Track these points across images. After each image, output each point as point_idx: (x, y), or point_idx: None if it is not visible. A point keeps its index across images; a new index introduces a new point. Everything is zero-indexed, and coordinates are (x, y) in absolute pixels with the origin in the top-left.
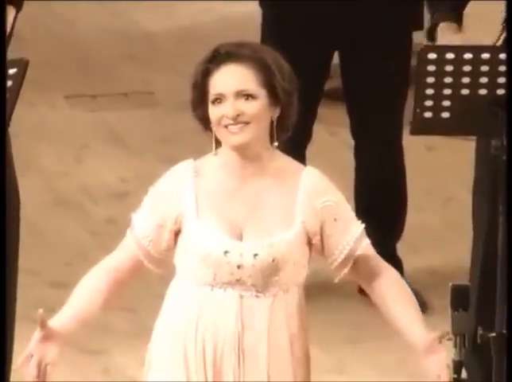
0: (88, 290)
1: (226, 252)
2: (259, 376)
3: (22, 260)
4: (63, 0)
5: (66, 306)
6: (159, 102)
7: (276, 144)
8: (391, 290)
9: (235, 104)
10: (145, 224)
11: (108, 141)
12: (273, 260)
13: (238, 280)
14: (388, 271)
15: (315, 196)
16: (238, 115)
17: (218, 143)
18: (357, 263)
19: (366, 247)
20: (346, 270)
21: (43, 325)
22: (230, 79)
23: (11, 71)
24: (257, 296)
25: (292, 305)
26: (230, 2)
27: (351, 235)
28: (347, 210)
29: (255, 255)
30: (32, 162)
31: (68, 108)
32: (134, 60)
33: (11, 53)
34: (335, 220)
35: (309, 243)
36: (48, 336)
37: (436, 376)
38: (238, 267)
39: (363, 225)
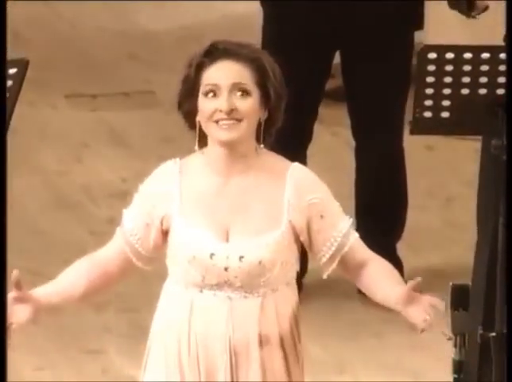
0: (75, 274)
1: (212, 255)
2: (252, 376)
3: (23, 260)
4: (63, 0)
5: (51, 282)
6: (160, 101)
7: (262, 146)
8: (374, 272)
9: (230, 99)
10: (133, 221)
11: (108, 141)
12: (260, 262)
13: (226, 282)
14: (375, 260)
15: (301, 194)
16: (231, 110)
17: (203, 143)
18: (345, 257)
19: (354, 242)
20: (334, 266)
21: (17, 286)
22: (227, 72)
23: (11, 71)
24: (245, 297)
25: (282, 304)
26: (232, 2)
27: (338, 230)
28: (334, 206)
29: (241, 257)
30: (33, 162)
31: (69, 108)
32: (135, 60)
33: (12, 53)
34: (322, 216)
35: (298, 240)
36: (21, 298)
37: (421, 321)
38: (225, 269)
39: (351, 220)
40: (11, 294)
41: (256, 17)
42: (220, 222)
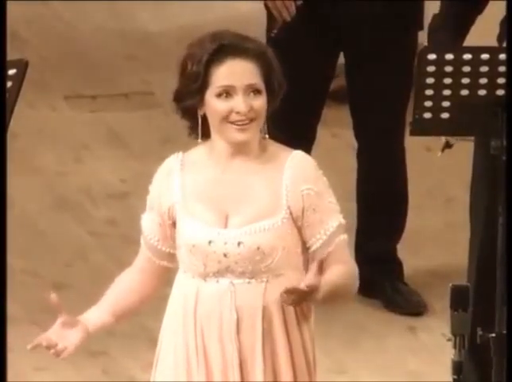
0: (118, 291)
1: (210, 242)
2: (255, 362)
3: (22, 261)
4: (63, 0)
5: (95, 306)
6: (159, 102)
7: (267, 136)
8: (328, 273)
9: (246, 100)
10: (150, 225)
11: (108, 142)
12: (258, 248)
13: (227, 268)
14: (342, 265)
15: (297, 182)
16: (248, 111)
17: (203, 134)
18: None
19: (338, 242)
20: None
21: (59, 310)
22: (240, 73)
23: (11, 71)
24: (249, 282)
25: None
26: (232, 2)
27: (325, 228)
28: (328, 201)
29: (239, 243)
30: (32, 163)
31: (68, 109)
32: (134, 61)
33: (11, 54)
34: (314, 210)
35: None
36: (69, 323)
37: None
38: (225, 255)
39: (342, 221)
40: (59, 320)
41: (256, 17)
42: (219, 208)
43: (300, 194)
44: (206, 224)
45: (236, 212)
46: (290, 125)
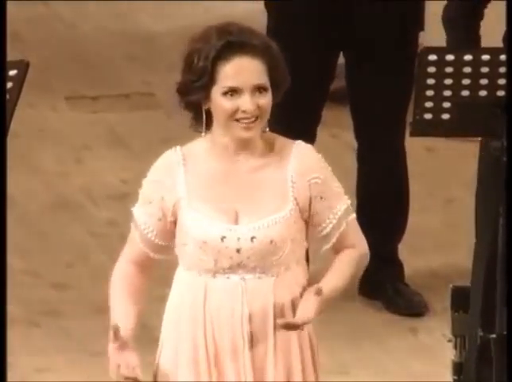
0: (122, 288)
1: (223, 238)
2: (267, 356)
3: (23, 261)
4: (63, 0)
5: (118, 317)
6: (160, 103)
7: (267, 129)
8: (335, 261)
9: (253, 99)
10: (146, 218)
11: (109, 142)
12: (271, 241)
13: (239, 264)
14: (350, 250)
15: (302, 173)
16: (254, 109)
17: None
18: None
19: (347, 223)
20: (328, 246)
21: (116, 337)
22: (247, 72)
23: (12, 72)
24: (259, 277)
25: (294, 283)
26: (232, 2)
27: (334, 212)
28: (333, 187)
29: (252, 238)
30: (33, 163)
31: (69, 109)
32: (135, 61)
33: (11, 54)
34: (321, 198)
35: (303, 217)
36: (121, 345)
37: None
38: (238, 250)
39: (349, 202)
40: (114, 345)
41: (256, 17)
42: (229, 205)
43: (307, 184)
44: (215, 221)
45: (246, 208)
46: (290, 125)
